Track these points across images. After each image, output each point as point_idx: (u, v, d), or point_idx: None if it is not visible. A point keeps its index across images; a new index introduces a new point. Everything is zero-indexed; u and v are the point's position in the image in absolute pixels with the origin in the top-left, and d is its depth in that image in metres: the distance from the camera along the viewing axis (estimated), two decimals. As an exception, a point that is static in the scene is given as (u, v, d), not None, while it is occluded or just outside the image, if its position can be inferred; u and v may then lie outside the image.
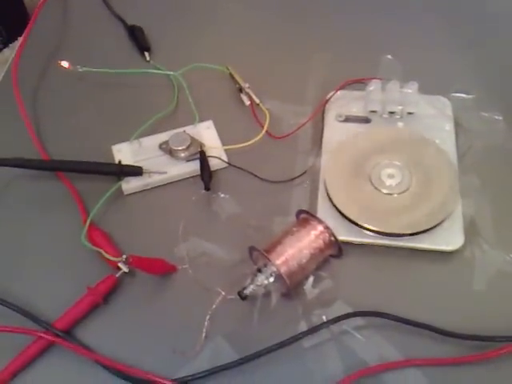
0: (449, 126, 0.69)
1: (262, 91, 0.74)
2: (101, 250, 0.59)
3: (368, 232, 0.61)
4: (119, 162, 0.66)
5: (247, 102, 0.74)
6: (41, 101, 0.77)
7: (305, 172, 0.68)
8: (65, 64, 0.76)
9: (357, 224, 0.61)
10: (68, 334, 0.56)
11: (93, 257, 0.60)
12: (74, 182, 0.68)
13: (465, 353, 0.54)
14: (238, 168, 0.68)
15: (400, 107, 0.69)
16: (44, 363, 0.55)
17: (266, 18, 0.87)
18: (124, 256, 0.57)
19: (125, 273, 0.59)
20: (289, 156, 0.70)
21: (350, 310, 0.56)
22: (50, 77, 0.80)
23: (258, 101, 0.73)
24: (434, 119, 0.69)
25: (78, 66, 0.76)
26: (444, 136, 0.68)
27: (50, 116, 0.75)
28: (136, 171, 0.66)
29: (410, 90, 0.69)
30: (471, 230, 0.61)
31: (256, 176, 0.68)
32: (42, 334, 0.55)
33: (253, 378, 0.54)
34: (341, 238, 0.60)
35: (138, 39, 0.83)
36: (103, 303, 0.58)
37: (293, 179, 0.67)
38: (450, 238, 0.60)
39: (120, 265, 0.58)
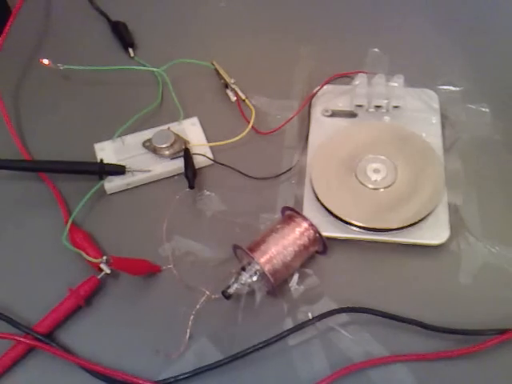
0: (435, 119, 0.69)
1: (248, 87, 0.75)
2: (81, 252, 0.59)
3: (354, 227, 0.61)
4: (101, 160, 0.67)
5: (233, 98, 0.74)
6: (22, 99, 0.77)
7: (291, 168, 0.68)
8: (45, 61, 0.76)
9: (343, 220, 0.61)
10: (49, 337, 0.56)
11: (75, 258, 0.60)
12: (56, 181, 0.68)
13: (452, 347, 0.55)
14: (224, 165, 0.68)
15: (386, 101, 0.69)
16: (24, 368, 0.55)
17: (251, 12, 0.87)
18: (104, 257, 0.58)
19: (107, 274, 0.59)
20: (275, 152, 0.70)
21: (335, 307, 0.57)
22: (31, 75, 0.79)
23: (243, 96, 0.74)
24: (421, 112, 0.69)
25: (59, 64, 0.76)
26: (430, 129, 0.68)
27: (31, 115, 0.75)
28: (119, 170, 0.66)
29: (395, 84, 0.69)
30: (457, 223, 0.62)
31: (242, 173, 0.68)
32: (22, 339, 0.55)
33: (238, 377, 0.54)
34: (327, 234, 0.60)
35: (122, 35, 0.83)
36: (85, 305, 0.58)
37: (279, 175, 0.68)
38: (435, 232, 0.60)
39: (101, 266, 0.58)
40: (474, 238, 0.61)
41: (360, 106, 0.70)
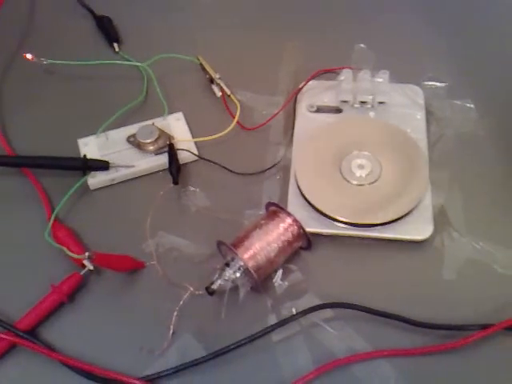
0: (420, 115, 0.69)
1: (234, 82, 0.75)
2: (64, 248, 0.59)
3: (338, 223, 0.61)
4: (84, 156, 0.66)
5: (218, 93, 0.74)
6: (5, 94, 0.77)
7: (276, 164, 0.68)
8: (29, 56, 0.75)
9: (327, 215, 0.61)
10: (31, 334, 0.56)
11: (58, 254, 0.60)
12: (39, 177, 0.67)
13: (435, 342, 0.55)
14: (209, 161, 0.68)
15: (371, 97, 0.69)
16: (6, 365, 0.55)
17: (236, 7, 0.87)
18: (87, 253, 0.57)
19: (90, 270, 0.59)
20: (260, 147, 0.70)
21: (319, 302, 0.57)
22: (14, 69, 0.79)
23: (229, 92, 0.73)
24: (406, 108, 0.70)
25: (43, 59, 0.75)
26: (415, 125, 0.68)
27: (15, 110, 0.75)
28: (102, 165, 0.66)
29: (381, 79, 0.70)
30: (441, 218, 0.62)
31: (227, 169, 0.68)
32: (3, 335, 0.55)
33: (222, 373, 0.54)
34: (311, 229, 0.60)
35: (107, 30, 0.83)
36: (68, 301, 0.58)
37: (264, 171, 0.68)
38: (419, 227, 0.60)
39: (84, 262, 0.58)
40: (457, 234, 0.61)
41: (345, 101, 0.70)
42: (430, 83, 0.72)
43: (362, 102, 0.70)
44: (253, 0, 0.87)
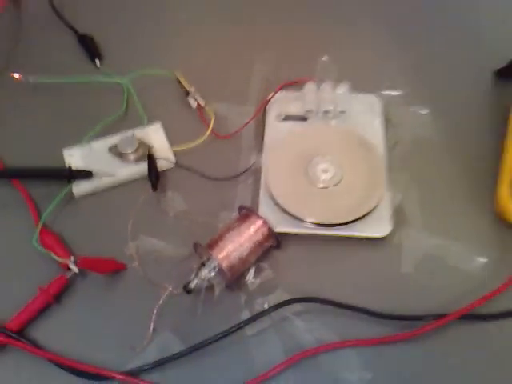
0: (378, 122, 0.69)
1: (208, 93, 0.74)
2: (50, 252, 0.58)
3: (306, 223, 0.61)
4: (69, 166, 0.66)
5: (194, 105, 0.74)
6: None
7: (248, 169, 0.68)
8: (16, 75, 0.74)
9: (295, 216, 0.61)
10: (21, 334, 0.55)
11: (45, 259, 0.60)
12: (27, 186, 0.66)
13: (395, 332, 0.56)
14: (185, 168, 0.68)
15: (332, 106, 0.69)
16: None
17: (209, 23, 0.86)
18: (72, 257, 0.57)
19: (75, 273, 0.58)
20: (233, 154, 0.70)
21: (289, 297, 0.57)
22: (0, 84, 0.78)
23: (203, 103, 0.73)
24: (364, 116, 0.70)
25: (30, 77, 0.74)
26: (373, 131, 0.68)
27: (3, 123, 0.74)
28: (86, 175, 0.66)
29: (342, 90, 0.70)
30: (399, 217, 0.62)
31: (202, 175, 0.67)
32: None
33: (199, 365, 0.54)
34: (281, 229, 0.61)
35: (89, 47, 0.82)
36: (55, 303, 0.57)
37: (237, 176, 0.67)
38: (379, 226, 0.61)
39: (70, 265, 0.58)
40: (414, 231, 0.62)
41: (310, 111, 0.70)
42: (388, 92, 0.73)
43: (325, 112, 0.70)
44: (226, 15, 0.86)
